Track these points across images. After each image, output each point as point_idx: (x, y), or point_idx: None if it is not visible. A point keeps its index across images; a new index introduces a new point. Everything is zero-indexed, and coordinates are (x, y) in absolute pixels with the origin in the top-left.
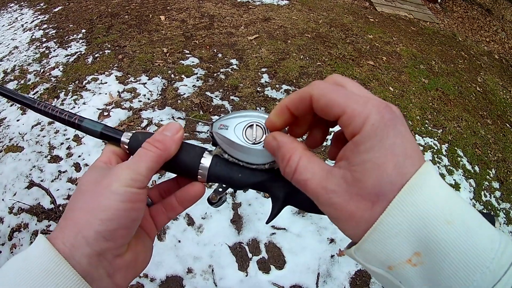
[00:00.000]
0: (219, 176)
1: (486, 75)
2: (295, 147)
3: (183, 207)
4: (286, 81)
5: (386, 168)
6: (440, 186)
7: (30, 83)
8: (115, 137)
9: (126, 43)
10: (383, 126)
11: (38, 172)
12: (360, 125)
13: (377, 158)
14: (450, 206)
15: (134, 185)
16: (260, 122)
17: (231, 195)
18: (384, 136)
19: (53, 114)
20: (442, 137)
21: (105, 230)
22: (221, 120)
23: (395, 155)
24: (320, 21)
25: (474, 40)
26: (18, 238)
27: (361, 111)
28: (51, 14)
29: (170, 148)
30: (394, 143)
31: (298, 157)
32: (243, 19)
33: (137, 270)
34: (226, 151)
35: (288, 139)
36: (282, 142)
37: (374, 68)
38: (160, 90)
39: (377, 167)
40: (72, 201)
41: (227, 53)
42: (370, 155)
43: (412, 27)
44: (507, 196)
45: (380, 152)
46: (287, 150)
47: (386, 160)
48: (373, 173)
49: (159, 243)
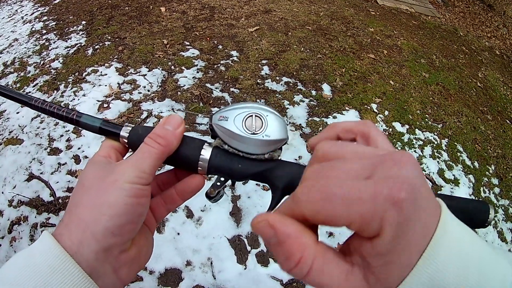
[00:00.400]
0: (219, 167)
1: (487, 70)
2: (305, 244)
3: (182, 200)
4: (286, 73)
5: (411, 260)
6: (455, 241)
7: (30, 75)
8: (114, 131)
9: (126, 34)
10: (405, 221)
11: (37, 164)
12: (376, 230)
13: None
14: (464, 266)
15: (139, 182)
16: (259, 113)
17: (230, 187)
18: (406, 230)
19: (51, 111)
20: (442, 132)
21: (113, 225)
22: (221, 112)
23: (417, 243)
24: (321, 14)
25: (476, 35)
26: (18, 231)
27: (373, 213)
28: (51, 6)
29: (172, 143)
30: (416, 231)
31: (312, 258)
32: (244, 11)
33: (140, 264)
34: (226, 142)
35: (293, 228)
36: (284, 234)
37: (375, 61)
38: (160, 82)
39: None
40: (76, 197)
41: (228, 45)
42: (393, 256)
43: (413, 21)
44: (506, 193)
45: (404, 249)
46: (295, 247)
47: (411, 253)
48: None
49: (158, 235)
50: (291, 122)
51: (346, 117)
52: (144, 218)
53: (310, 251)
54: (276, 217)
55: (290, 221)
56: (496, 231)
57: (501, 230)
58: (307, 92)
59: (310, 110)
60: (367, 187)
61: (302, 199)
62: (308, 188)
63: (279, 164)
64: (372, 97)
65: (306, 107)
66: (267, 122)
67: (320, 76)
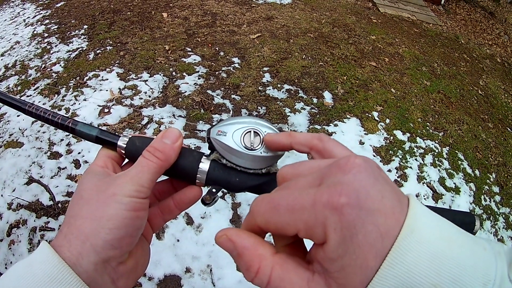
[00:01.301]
0: (217, 180)
1: (488, 78)
2: (262, 255)
3: (179, 210)
4: (288, 81)
5: (368, 263)
6: (425, 241)
7: (31, 78)
8: (111, 141)
9: (128, 39)
10: (347, 225)
11: (37, 168)
12: (322, 235)
13: (355, 259)
14: (436, 265)
15: (138, 196)
16: (258, 129)
17: (230, 195)
18: (353, 233)
19: (45, 117)
20: (443, 140)
21: (112, 238)
22: (219, 126)
23: (372, 245)
24: (323, 21)
25: (477, 43)
26: (17, 234)
27: (315, 220)
28: (53, 9)
29: (171, 157)
30: (366, 234)
31: (270, 267)
32: (246, 18)
33: (137, 274)
34: (224, 157)
35: (250, 241)
36: (242, 247)
37: (376, 69)
38: (161, 88)
39: (359, 267)
40: (75, 208)
41: (229, 52)
42: (347, 259)
43: (415, 29)
44: (507, 201)
45: (356, 252)
46: (252, 259)
47: (366, 256)
48: (357, 274)
49: (158, 242)
50: (292, 130)
51: (347, 125)
52: (142, 231)
53: (267, 261)
54: (234, 231)
55: (247, 235)
56: (496, 239)
57: (501, 238)
58: (308, 99)
59: (311, 117)
60: (309, 195)
61: (254, 210)
62: (260, 201)
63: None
64: (374, 105)
65: (307, 114)
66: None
67: (321, 84)
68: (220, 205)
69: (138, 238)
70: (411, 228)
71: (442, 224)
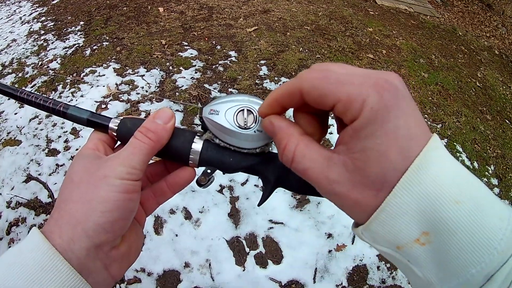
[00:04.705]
0: (210, 160)
1: (486, 70)
2: (291, 133)
3: (173, 192)
4: (285, 74)
5: (389, 154)
6: (449, 162)
7: (28, 76)
8: (103, 123)
9: (124, 35)
10: (384, 108)
11: (35, 165)
12: (358, 110)
13: (379, 144)
14: (458, 184)
15: (130, 178)
16: (251, 107)
17: (229, 188)
18: (385, 119)
19: (37, 103)
20: (441, 132)
21: (105, 221)
22: (211, 105)
23: (398, 139)
24: (320, 14)
25: (474, 35)
26: (16, 232)
27: (358, 94)
28: (50, 6)
29: (163, 138)
30: (396, 126)
31: (295, 144)
32: (242, 11)
33: (131, 260)
34: (217, 136)
35: (284, 123)
36: (278, 127)
37: (373, 61)
38: (158, 82)
39: (380, 154)
40: (65, 192)
41: (226, 45)
42: (371, 142)
43: (412, 21)
44: (506, 193)
45: (381, 138)
46: (283, 136)
47: (389, 146)
48: (375, 161)
49: (156, 237)
50: None
51: None
52: (135, 213)
53: (294, 139)
54: (275, 116)
55: (283, 118)
56: None
57: None
58: None
59: None
60: (360, 76)
61: (305, 75)
62: (313, 68)
63: (270, 157)
64: None
65: None
66: (258, 116)
67: None
68: (218, 199)
69: (131, 222)
70: (436, 145)
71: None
